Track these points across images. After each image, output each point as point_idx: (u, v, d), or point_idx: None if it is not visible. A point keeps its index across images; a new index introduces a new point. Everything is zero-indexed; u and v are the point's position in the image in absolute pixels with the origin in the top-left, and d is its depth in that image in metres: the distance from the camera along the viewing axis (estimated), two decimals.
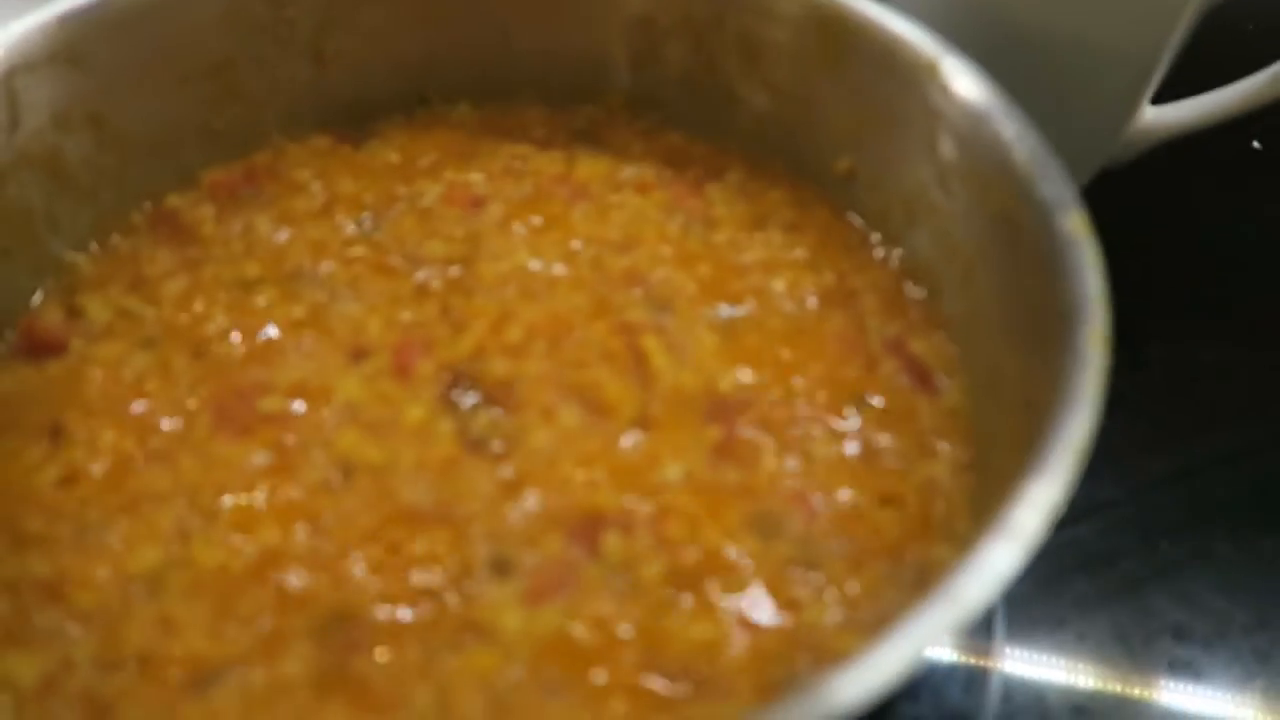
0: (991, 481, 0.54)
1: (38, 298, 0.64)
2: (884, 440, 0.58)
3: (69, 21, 0.62)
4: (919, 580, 0.52)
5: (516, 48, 0.79)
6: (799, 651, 0.49)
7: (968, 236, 0.60)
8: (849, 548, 0.53)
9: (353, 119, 0.79)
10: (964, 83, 0.59)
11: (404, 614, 0.49)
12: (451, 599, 0.50)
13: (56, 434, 0.57)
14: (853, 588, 0.52)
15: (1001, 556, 0.38)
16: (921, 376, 0.62)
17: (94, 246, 0.68)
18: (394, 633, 0.49)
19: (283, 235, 0.69)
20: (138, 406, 0.58)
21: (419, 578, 0.51)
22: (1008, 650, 0.65)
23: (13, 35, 0.60)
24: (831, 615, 0.50)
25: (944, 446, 0.58)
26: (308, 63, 0.75)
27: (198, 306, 0.64)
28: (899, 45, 0.63)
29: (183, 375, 0.60)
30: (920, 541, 0.54)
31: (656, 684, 0.48)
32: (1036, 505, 0.39)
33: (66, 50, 0.63)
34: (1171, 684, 0.64)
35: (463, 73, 0.80)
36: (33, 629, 0.49)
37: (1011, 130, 0.55)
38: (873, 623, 0.50)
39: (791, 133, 0.74)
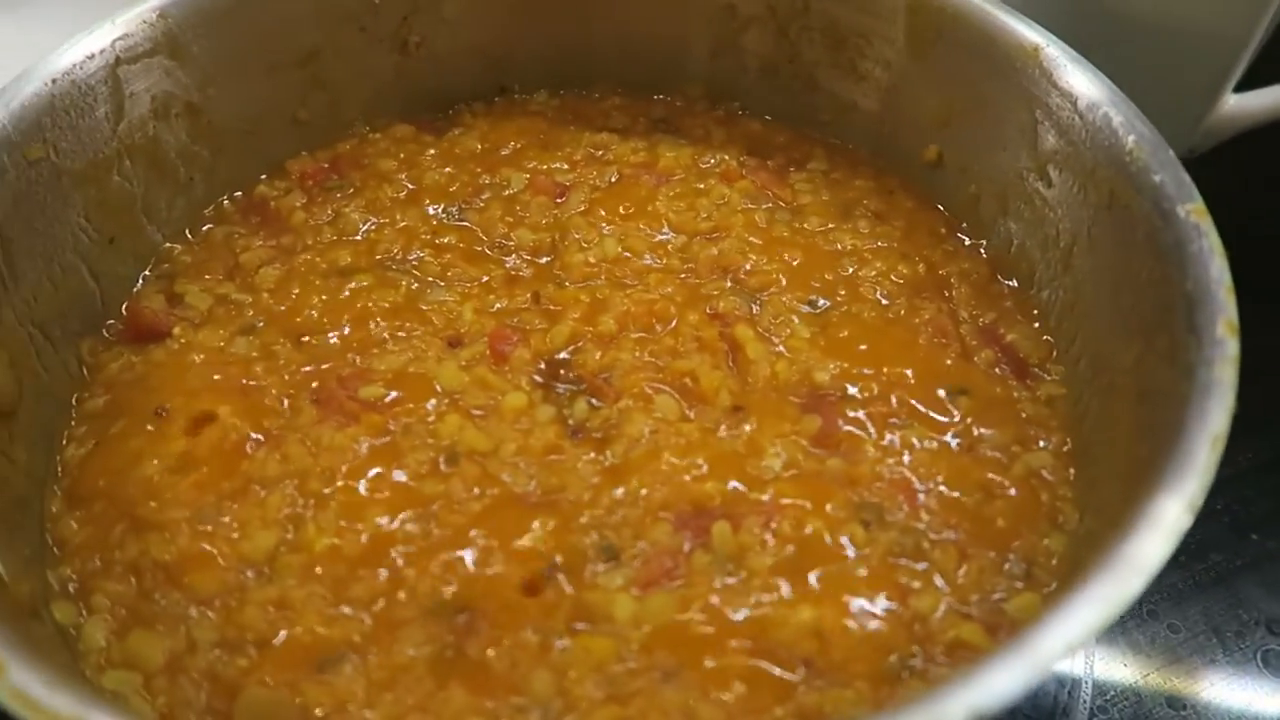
0: (1097, 471, 0.54)
1: (139, 286, 0.66)
2: (984, 431, 0.58)
3: (170, 13, 0.63)
4: (1028, 571, 0.52)
5: (596, 36, 0.79)
6: (910, 641, 0.49)
7: (1068, 225, 0.60)
8: (954, 537, 0.53)
9: (433, 108, 0.79)
10: (1068, 69, 0.58)
11: (517, 600, 0.50)
12: (564, 586, 0.51)
13: (163, 418, 0.57)
14: (960, 577, 0.52)
15: (1150, 549, 0.38)
16: (1018, 366, 0.62)
17: (188, 235, 0.69)
18: (508, 619, 0.49)
19: (372, 224, 0.70)
20: (242, 393, 0.59)
21: (530, 564, 0.51)
22: (1100, 643, 0.65)
23: (118, 28, 0.61)
24: (940, 604, 0.50)
25: (1044, 437, 0.58)
26: (392, 52, 0.75)
27: (294, 294, 0.65)
28: (998, 31, 0.62)
29: (285, 362, 0.61)
30: (1027, 532, 0.53)
31: (772, 671, 0.48)
32: (1181, 495, 0.39)
33: (167, 42, 0.63)
34: (1265, 676, 0.64)
35: (542, 62, 0.80)
36: (156, 611, 0.50)
37: (1121, 117, 0.55)
38: (983, 614, 0.50)
39: (877, 121, 0.74)
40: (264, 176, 0.73)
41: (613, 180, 0.73)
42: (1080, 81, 0.58)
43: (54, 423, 0.57)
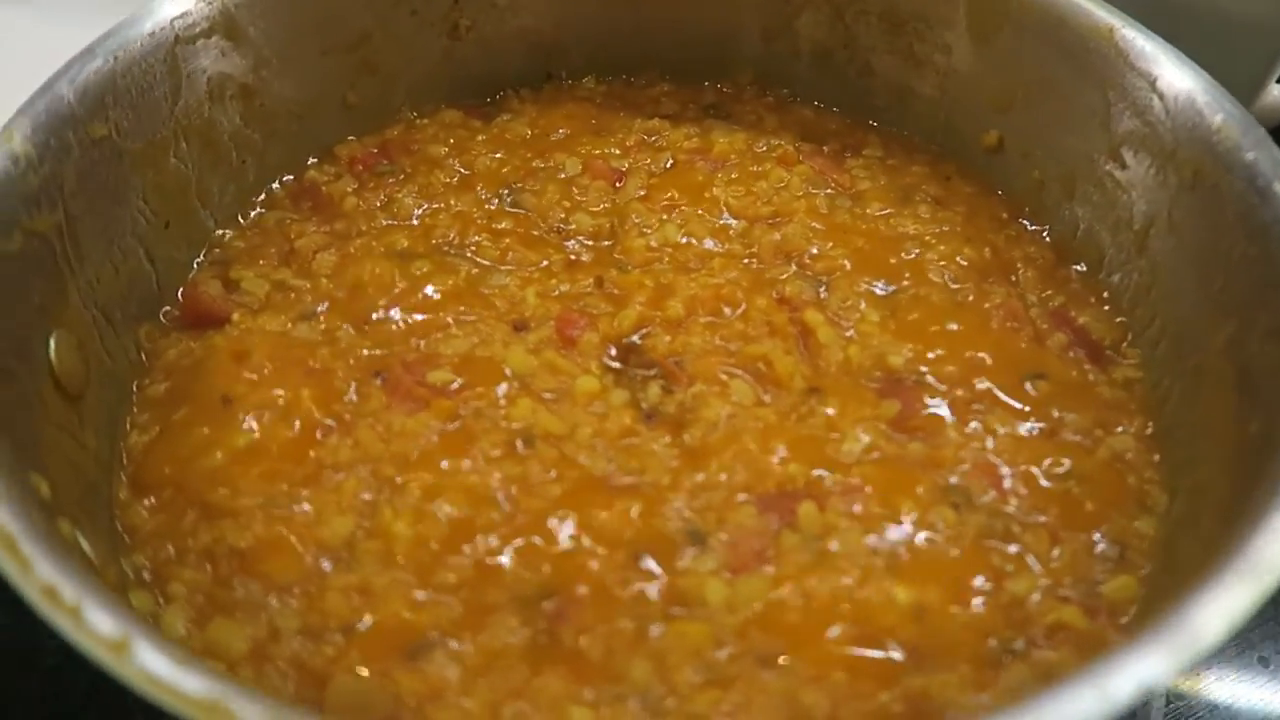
0: (1189, 454, 0.53)
1: (193, 272, 0.64)
2: (1064, 415, 0.57)
3: None
4: (1121, 554, 0.51)
5: (645, 21, 0.78)
6: (1008, 624, 0.49)
7: (1144, 207, 0.59)
8: (1044, 520, 0.52)
9: (479, 94, 0.78)
10: (1147, 49, 0.58)
11: (608, 586, 0.49)
12: (655, 571, 0.50)
13: (228, 404, 0.56)
14: (1054, 560, 0.51)
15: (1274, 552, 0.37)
16: (1092, 349, 0.61)
17: (239, 220, 0.68)
18: (600, 604, 0.48)
19: (425, 209, 0.69)
20: (309, 378, 0.57)
21: (618, 549, 0.50)
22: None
23: (176, 6, 0.59)
24: (1036, 587, 0.50)
25: (1124, 421, 0.57)
26: (441, 36, 0.74)
27: (353, 279, 0.63)
28: (1069, 13, 0.62)
29: (348, 347, 0.59)
30: (1116, 515, 0.53)
31: (872, 654, 0.47)
32: None
33: (224, 22, 0.62)
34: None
35: (589, 48, 0.79)
36: (235, 599, 0.48)
37: (1206, 96, 0.54)
38: (1080, 596, 0.50)
39: (933, 106, 0.73)
40: (313, 161, 0.71)
41: (668, 165, 0.72)
42: (1160, 61, 0.57)
43: (117, 409, 0.56)
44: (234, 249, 0.66)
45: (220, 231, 0.66)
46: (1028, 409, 0.57)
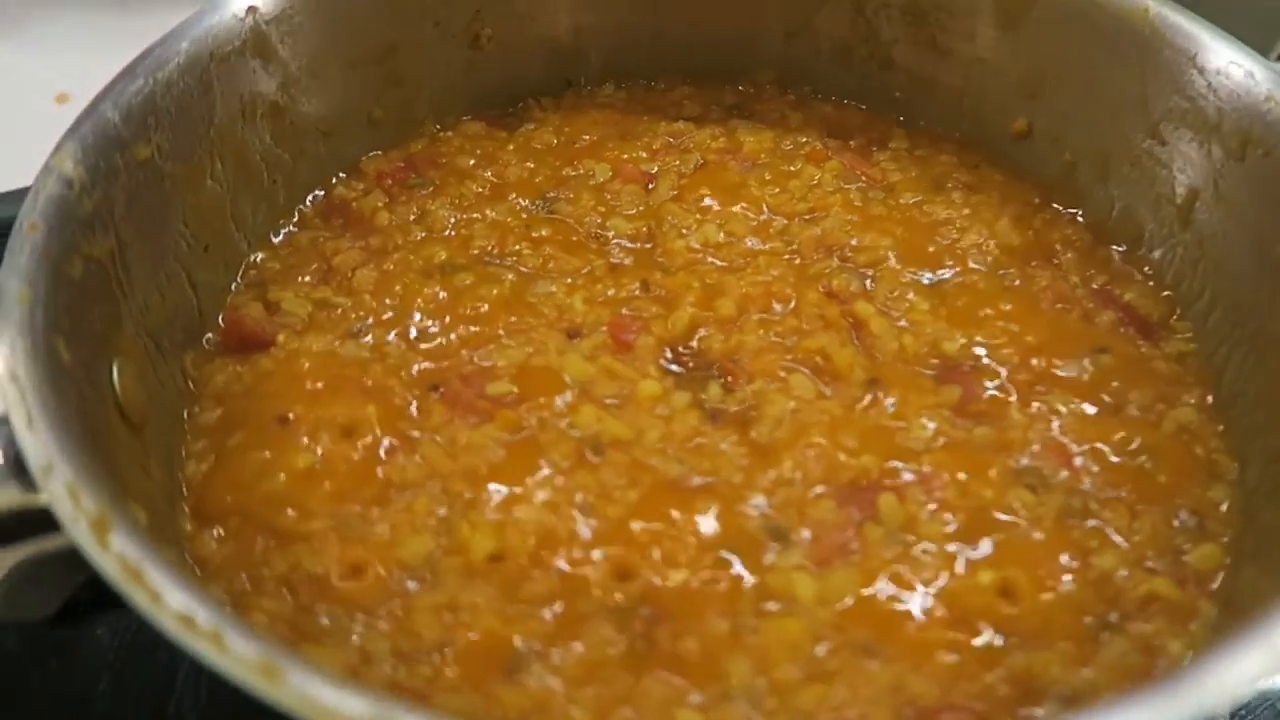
0: (1249, 421, 0.54)
1: (230, 296, 0.63)
2: (1123, 390, 0.57)
3: (258, 8, 0.61)
4: (1200, 524, 0.52)
5: (665, 24, 0.78)
6: (1100, 600, 0.49)
7: (1186, 181, 0.60)
8: (1121, 496, 0.53)
9: (500, 104, 0.77)
10: (1184, 25, 0.59)
11: (698, 588, 0.48)
12: (741, 570, 0.49)
13: (285, 427, 0.55)
14: (1135, 534, 0.51)
15: None
16: (1142, 326, 0.62)
17: (272, 241, 0.66)
18: (693, 607, 0.47)
19: (459, 219, 0.68)
20: (366, 396, 0.56)
21: (702, 551, 0.49)
22: None
23: (207, 26, 0.58)
24: (1122, 562, 0.50)
25: (1184, 393, 0.58)
26: (463, 47, 0.74)
27: (397, 293, 0.62)
28: None
29: (400, 363, 0.58)
30: (1190, 485, 0.53)
31: (971, 640, 0.47)
32: None
33: (255, 39, 0.61)
34: None
35: (609, 54, 0.78)
36: (320, 626, 0.47)
37: (1249, 65, 0.55)
38: (1167, 567, 0.50)
39: (958, 96, 0.74)
40: (340, 177, 0.70)
41: (698, 166, 0.72)
42: (1199, 38, 0.58)
43: (172, 439, 0.54)
44: (270, 270, 0.65)
45: (254, 254, 0.65)
46: (1088, 387, 0.58)
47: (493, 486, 0.52)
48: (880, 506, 0.51)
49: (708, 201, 0.69)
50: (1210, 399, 0.57)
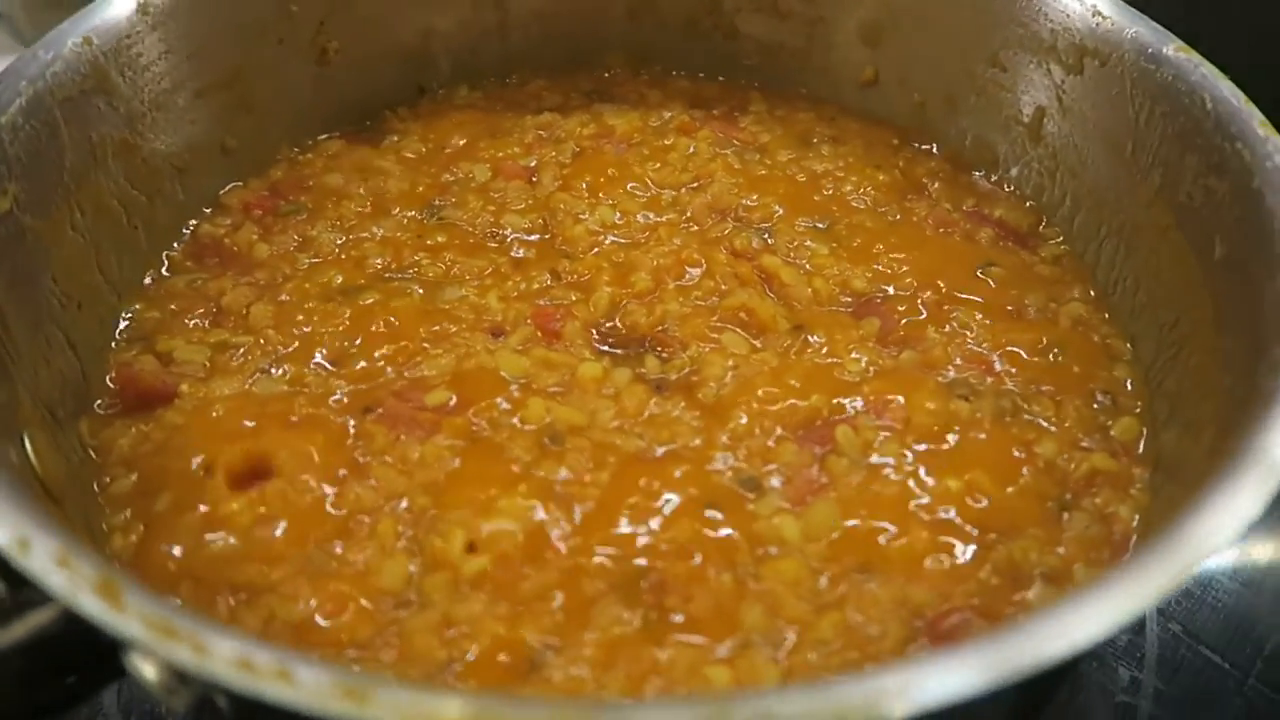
0: (1133, 303, 0.60)
1: (112, 353, 0.57)
2: (1019, 296, 0.62)
3: (96, 45, 0.55)
4: (1115, 401, 0.57)
5: (513, 19, 0.77)
6: (1053, 483, 0.52)
7: (1030, 100, 0.66)
8: (1042, 390, 0.57)
9: (355, 119, 0.74)
10: None
11: (692, 549, 0.48)
12: (727, 525, 0.49)
13: (213, 478, 0.50)
14: (1065, 420, 0.55)
15: None
16: (1018, 237, 0.67)
17: (143, 291, 0.61)
18: (693, 568, 0.47)
19: (347, 240, 0.65)
20: (296, 430, 0.53)
21: (685, 515, 0.50)
22: None
23: (42, 64, 0.53)
24: (1061, 447, 0.54)
25: (1067, 290, 0.63)
26: (310, 63, 0.70)
27: (301, 324, 0.59)
28: None
29: (324, 393, 0.55)
30: (1097, 370, 0.58)
31: (953, 541, 0.49)
32: None
33: (94, 73, 0.56)
34: None
35: (458, 55, 0.77)
36: None
37: None
38: (1098, 444, 0.54)
39: (803, 56, 0.77)
40: (206, 212, 0.66)
41: (574, 154, 0.72)
42: None
43: (89, 514, 0.49)
44: (150, 321, 0.59)
45: (127, 306, 0.60)
46: (988, 299, 0.62)
47: (456, 495, 0.50)
48: (839, 438, 0.53)
49: (595, 185, 0.69)
50: (1092, 292, 0.63)
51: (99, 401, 0.55)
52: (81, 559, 0.31)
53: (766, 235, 0.66)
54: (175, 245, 0.64)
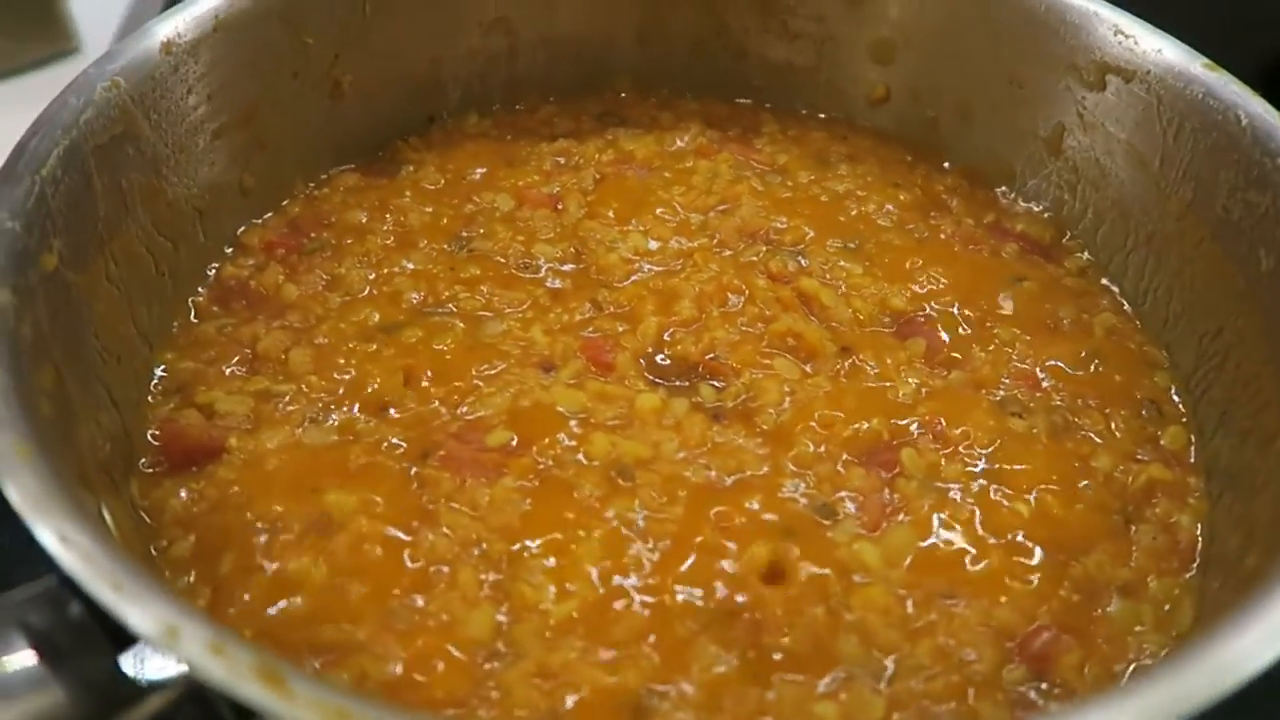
0: (1166, 312, 0.61)
1: (150, 408, 0.55)
2: (1052, 310, 0.63)
3: (124, 88, 0.53)
4: (1160, 409, 0.58)
5: (522, 45, 0.76)
6: (1114, 496, 0.54)
7: (1050, 113, 0.67)
8: (1090, 404, 0.58)
9: (367, 150, 0.73)
10: None
11: (780, 580, 0.48)
12: (811, 555, 0.49)
13: (277, 538, 0.49)
14: (1116, 433, 0.57)
15: None
16: (1042, 250, 0.68)
17: (173, 341, 0.59)
18: (782, 601, 0.47)
19: (378, 276, 0.63)
20: (357, 480, 0.51)
21: (765, 544, 0.49)
22: None
23: (74, 111, 0.50)
24: (1116, 459, 0.55)
25: (1095, 300, 0.65)
26: (324, 97, 0.68)
27: (344, 367, 0.57)
28: None
29: (379, 439, 0.53)
30: (1139, 378, 0.60)
31: (1028, 561, 0.50)
32: None
33: (124, 120, 0.53)
34: None
35: (467, 82, 0.76)
36: None
37: (1098, 6, 0.62)
38: (1151, 454, 0.56)
39: (812, 75, 0.78)
40: (226, 253, 0.64)
41: (596, 181, 0.71)
42: None
43: None
44: (184, 371, 0.57)
45: (160, 357, 0.57)
46: (1024, 313, 0.63)
47: (533, 537, 0.49)
48: (904, 461, 0.54)
49: (621, 212, 0.68)
50: (1125, 305, 0.64)
51: (143, 460, 0.52)
52: (235, 644, 0.30)
53: (800, 257, 0.66)
54: (200, 290, 0.62)
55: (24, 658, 0.30)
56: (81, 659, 0.31)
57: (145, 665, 0.34)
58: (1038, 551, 0.51)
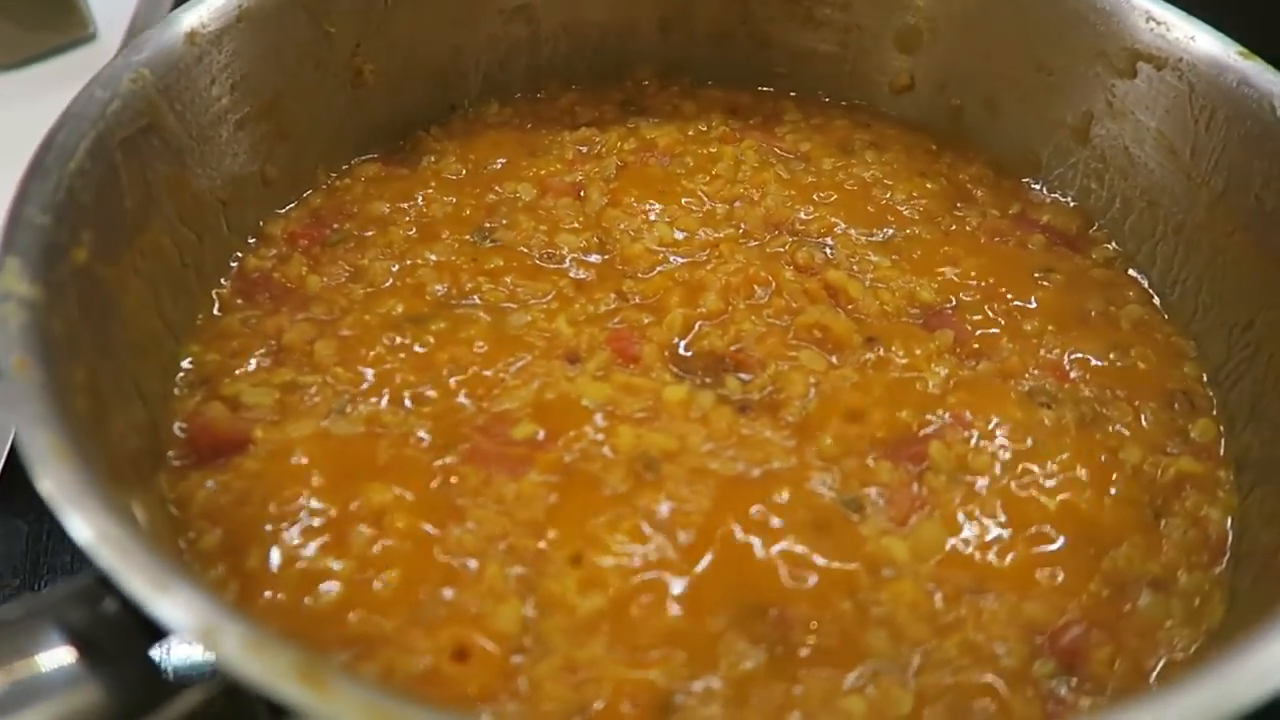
0: (1195, 302, 0.61)
1: (175, 401, 0.55)
2: (1080, 301, 0.63)
3: (149, 79, 0.53)
4: (1190, 401, 0.58)
5: (544, 33, 0.75)
6: (1142, 489, 0.53)
7: (1077, 102, 0.66)
8: (1118, 395, 0.57)
9: (387, 139, 0.72)
10: None
11: (809, 575, 0.48)
12: (841, 549, 0.49)
13: (304, 528, 0.49)
14: (1145, 425, 0.56)
15: None
16: (1069, 241, 0.68)
17: (196, 333, 0.59)
18: (810, 595, 0.47)
19: (401, 268, 0.63)
20: (385, 472, 0.51)
21: (796, 538, 0.49)
22: None
23: (101, 103, 0.50)
24: (1145, 451, 0.55)
25: (1123, 290, 0.64)
26: (345, 86, 0.68)
27: (369, 358, 0.57)
28: None
29: (406, 431, 0.53)
30: (1168, 368, 0.59)
31: (1060, 554, 0.50)
32: None
33: (149, 112, 0.53)
34: None
35: (488, 70, 0.75)
36: None
37: None
38: (1180, 446, 0.55)
39: (837, 62, 0.77)
40: (249, 244, 0.63)
41: (618, 169, 0.71)
42: None
43: None
44: (209, 364, 0.57)
45: (185, 349, 0.57)
46: (1052, 305, 0.62)
47: (559, 531, 0.49)
48: (932, 454, 0.53)
49: (645, 201, 0.68)
50: (1152, 295, 0.64)
51: (170, 453, 0.53)
52: (274, 644, 0.30)
53: (827, 248, 0.66)
54: (223, 282, 0.62)
55: (62, 655, 0.31)
56: (118, 656, 0.31)
57: (171, 655, 0.34)
58: (1067, 545, 0.50)
